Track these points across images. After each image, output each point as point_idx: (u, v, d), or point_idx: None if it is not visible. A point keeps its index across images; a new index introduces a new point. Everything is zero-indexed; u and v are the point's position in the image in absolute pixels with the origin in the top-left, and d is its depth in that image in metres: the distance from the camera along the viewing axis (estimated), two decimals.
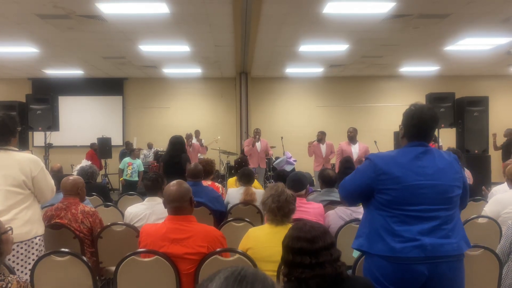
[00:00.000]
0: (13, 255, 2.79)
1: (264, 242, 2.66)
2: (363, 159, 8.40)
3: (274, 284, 0.87)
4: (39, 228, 3.00)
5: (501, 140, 10.36)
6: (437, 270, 2.11)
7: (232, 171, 10.01)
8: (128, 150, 11.06)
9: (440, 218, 2.16)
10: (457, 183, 2.25)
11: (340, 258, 1.92)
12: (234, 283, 0.83)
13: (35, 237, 2.94)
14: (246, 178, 4.69)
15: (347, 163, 5.69)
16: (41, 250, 2.98)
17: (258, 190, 4.72)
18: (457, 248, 2.16)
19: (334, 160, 8.87)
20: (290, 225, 2.78)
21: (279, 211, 2.74)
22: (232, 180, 5.60)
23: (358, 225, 3.10)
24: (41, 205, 3.16)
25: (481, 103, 8.28)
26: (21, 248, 2.85)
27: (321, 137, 9.26)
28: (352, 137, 8.11)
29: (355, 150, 7.95)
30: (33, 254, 2.90)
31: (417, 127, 2.28)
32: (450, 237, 2.15)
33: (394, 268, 2.12)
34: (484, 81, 13.05)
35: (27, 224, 2.88)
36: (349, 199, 2.50)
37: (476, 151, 8.10)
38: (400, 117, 2.39)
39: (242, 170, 4.90)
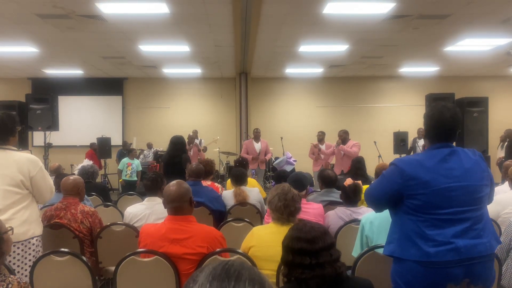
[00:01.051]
0: (10, 255, 2.78)
1: (268, 241, 2.65)
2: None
3: (260, 273, 0.90)
4: (37, 229, 2.98)
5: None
6: (472, 271, 2.10)
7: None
8: (126, 150, 11.06)
9: (471, 219, 2.14)
10: (485, 181, 2.23)
11: (340, 258, 1.92)
12: (222, 271, 0.87)
13: (32, 238, 2.93)
14: (234, 178, 4.69)
15: (358, 164, 5.67)
16: (38, 250, 2.97)
17: (252, 188, 4.71)
18: (489, 247, 2.15)
19: (334, 161, 8.86)
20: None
21: (286, 209, 2.73)
22: (230, 182, 5.60)
23: (357, 226, 3.13)
24: (41, 205, 3.15)
25: (480, 103, 8.30)
26: (18, 248, 2.84)
27: (321, 137, 9.28)
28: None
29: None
30: (29, 254, 2.89)
31: (437, 128, 2.24)
32: (482, 237, 2.14)
33: (429, 272, 2.10)
34: (484, 82, 13.06)
35: (24, 224, 2.86)
36: (377, 206, 2.44)
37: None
38: (399, 117, 2.39)
39: (234, 171, 4.89)
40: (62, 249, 2.73)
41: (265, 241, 2.66)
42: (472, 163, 2.22)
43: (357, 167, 5.45)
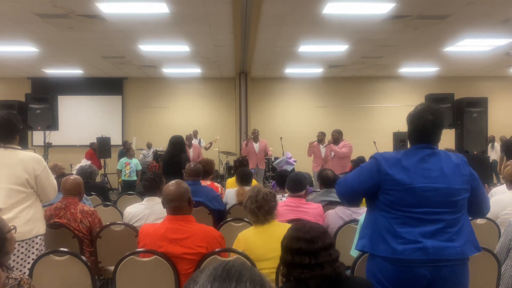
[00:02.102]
0: (14, 254, 2.79)
1: (255, 242, 2.68)
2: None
3: (261, 274, 0.90)
4: (41, 227, 3.01)
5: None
6: (439, 273, 2.10)
7: (232, 171, 10.01)
8: (125, 150, 11.06)
9: (444, 221, 2.14)
10: (465, 186, 2.22)
11: (339, 258, 1.93)
12: (223, 272, 0.87)
13: (36, 236, 2.95)
14: (241, 178, 4.70)
15: (360, 163, 5.68)
16: (41, 249, 2.98)
17: None
18: (460, 252, 2.13)
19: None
20: (275, 222, 2.82)
21: (260, 210, 2.76)
22: (231, 181, 5.59)
23: (357, 226, 3.13)
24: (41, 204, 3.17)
25: (480, 104, 8.28)
26: (22, 247, 2.85)
27: (322, 137, 9.27)
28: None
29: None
30: (33, 253, 2.91)
31: (419, 130, 2.26)
32: (454, 241, 2.13)
33: (396, 270, 2.12)
34: (484, 82, 13.06)
35: (28, 222, 2.89)
36: (349, 197, 2.44)
37: (475, 152, 8.10)
38: (399, 117, 2.40)
39: (240, 171, 4.89)
40: (62, 249, 2.73)
41: (253, 243, 2.69)
42: (453, 167, 2.22)
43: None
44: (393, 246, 2.12)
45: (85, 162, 5.38)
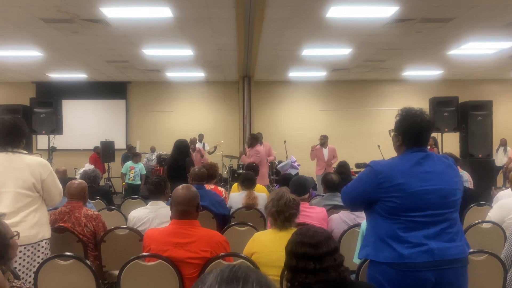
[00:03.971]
0: (20, 257, 2.81)
1: (269, 247, 2.64)
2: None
3: (266, 277, 0.91)
4: (46, 232, 3.02)
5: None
6: (443, 276, 2.11)
7: (235, 175, 10.01)
8: (130, 154, 11.08)
9: (445, 222, 2.17)
10: (458, 186, 2.27)
11: (344, 263, 1.92)
12: (230, 273, 0.89)
13: (42, 240, 2.96)
14: (248, 182, 4.70)
15: (340, 168, 5.76)
16: (47, 253, 2.99)
17: (260, 193, 4.71)
18: (462, 251, 2.17)
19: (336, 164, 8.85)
20: (293, 229, 2.77)
21: (279, 215, 2.72)
22: (236, 186, 5.59)
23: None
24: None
25: (484, 107, 8.26)
26: (28, 250, 2.86)
27: (324, 141, 9.27)
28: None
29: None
30: (38, 257, 2.92)
31: (417, 135, 2.27)
32: (456, 240, 2.16)
33: (401, 275, 2.11)
34: (488, 85, 13.02)
35: (35, 227, 2.90)
36: (352, 206, 2.53)
37: (480, 156, 8.07)
38: None
39: (244, 175, 4.91)
40: (66, 253, 2.74)
41: (267, 247, 2.66)
42: (446, 167, 2.25)
43: (340, 172, 5.49)
44: (399, 251, 2.12)
45: (88, 166, 5.38)
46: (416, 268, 2.09)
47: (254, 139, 7.81)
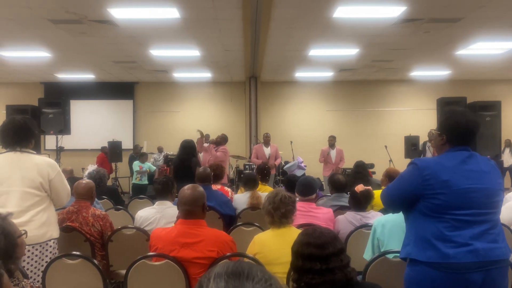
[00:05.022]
0: (28, 257, 2.83)
1: (270, 246, 2.67)
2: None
3: (270, 273, 0.94)
4: (54, 231, 3.04)
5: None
6: (489, 277, 2.09)
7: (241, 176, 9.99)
8: (136, 154, 11.13)
9: (489, 222, 2.15)
10: (501, 187, 2.26)
11: (350, 263, 1.91)
12: (234, 267, 0.92)
13: (50, 240, 2.98)
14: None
15: (358, 168, 5.64)
16: (55, 253, 3.01)
17: (264, 193, 4.72)
18: (505, 252, 2.16)
19: (344, 165, 8.84)
20: (291, 227, 2.80)
21: (276, 211, 2.76)
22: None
23: (368, 231, 3.11)
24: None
25: (493, 107, 8.19)
26: (36, 250, 2.89)
27: (333, 142, 9.27)
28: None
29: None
30: (46, 256, 2.94)
31: (464, 135, 2.26)
32: (498, 241, 2.14)
33: (446, 276, 2.08)
34: (496, 86, 12.91)
35: (43, 226, 2.92)
36: (394, 207, 2.42)
37: (489, 156, 8.00)
38: (410, 121, 2.37)
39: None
40: (74, 252, 2.76)
41: (267, 246, 2.68)
42: (490, 167, 2.25)
43: (356, 171, 5.42)
44: (443, 250, 2.08)
45: (91, 168, 5.37)
46: (462, 269, 2.06)
47: (223, 139, 8.31)
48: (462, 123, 2.25)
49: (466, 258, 2.06)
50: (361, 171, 5.45)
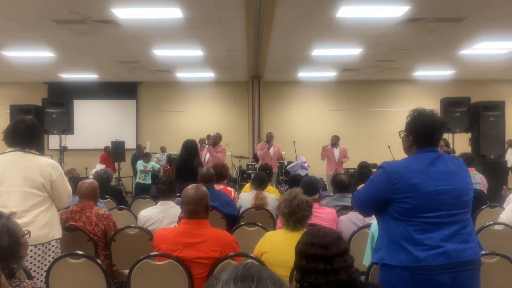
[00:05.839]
0: (31, 257, 2.84)
1: (280, 247, 2.64)
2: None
3: (277, 275, 0.94)
4: (57, 232, 3.05)
5: None
6: (459, 278, 2.10)
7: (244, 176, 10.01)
8: (139, 154, 11.16)
9: (459, 223, 2.15)
10: (470, 186, 2.26)
11: (353, 264, 1.91)
12: (244, 270, 0.91)
13: (52, 240, 2.99)
14: (259, 182, 4.70)
15: (362, 169, 5.60)
16: (57, 252, 3.02)
17: (271, 194, 4.71)
18: (476, 252, 2.16)
19: (348, 166, 8.83)
20: (304, 230, 2.77)
21: (291, 216, 2.71)
22: (247, 186, 5.59)
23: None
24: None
25: (497, 107, 8.16)
26: (39, 249, 2.89)
27: (335, 141, 9.25)
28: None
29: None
30: (49, 256, 2.95)
31: (429, 135, 2.26)
32: (469, 241, 2.15)
33: (417, 279, 2.09)
34: (500, 86, 12.86)
35: (45, 226, 2.93)
36: (364, 210, 2.45)
37: (492, 156, 7.97)
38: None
39: (256, 174, 4.91)
40: (78, 252, 2.76)
41: (277, 247, 2.65)
42: (457, 167, 2.24)
43: (360, 172, 5.40)
44: (414, 254, 2.09)
45: (100, 167, 5.41)
46: (432, 271, 2.07)
47: (219, 139, 8.13)
48: (427, 124, 2.25)
49: (437, 260, 2.07)
50: (365, 172, 5.42)
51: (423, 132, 2.26)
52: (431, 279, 2.07)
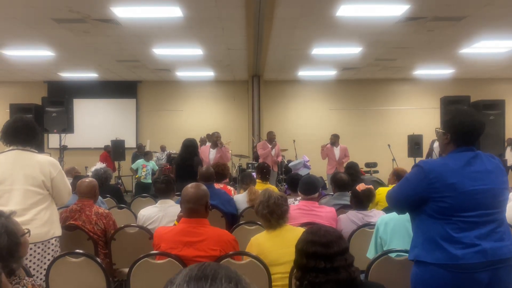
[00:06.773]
0: (30, 255, 2.84)
1: (268, 247, 2.66)
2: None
3: (237, 272, 0.92)
4: (57, 230, 3.06)
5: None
6: (496, 276, 2.11)
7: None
8: (140, 153, 11.15)
9: (495, 222, 2.17)
10: (506, 185, 2.27)
11: (353, 263, 1.91)
12: (198, 271, 0.89)
13: (52, 238, 2.99)
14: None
15: (349, 169, 5.66)
16: (57, 251, 3.03)
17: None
18: (511, 250, 2.18)
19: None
20: (287, 226, 2.81)
21: (272, 215, 2.75)
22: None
23: (371, 230, 3.10)
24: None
25: (497, 106, 8.16)
26: (38, 247, 2.90)
27: (334, 140, 9.24)
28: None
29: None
30: (48, 254, 2.95)
31: (469, 135, 2.25)
32: (505, 240, 2.17)
33: (454, 276, 2.10)
34: (500, 84, 12.85)
35: (46, 224, 2.94)
36: (399, 209, 2.42)
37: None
38: (413, 120, 2.36)
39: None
40: (77, 251, 2.76)
41: (266, 248, 2.67)
42: (494, 166, 2.24)
43: (348, 173, 5.43)
44: (452, 252, 2.10)
45: (99, 165, 5.40)
46: (470, 269, 2.09)
47: (219, 138, 8.06)
48: (467, 123, 2.24)
49: (474, 258, 2.09)
50: (352, 172, 5.51)
51: (462, 131, 2.25)
52: (469, 277, 2.09)
